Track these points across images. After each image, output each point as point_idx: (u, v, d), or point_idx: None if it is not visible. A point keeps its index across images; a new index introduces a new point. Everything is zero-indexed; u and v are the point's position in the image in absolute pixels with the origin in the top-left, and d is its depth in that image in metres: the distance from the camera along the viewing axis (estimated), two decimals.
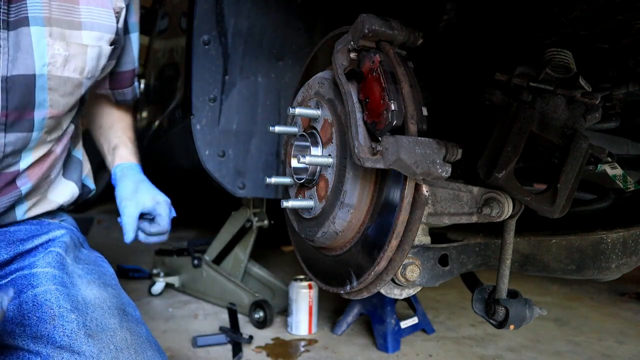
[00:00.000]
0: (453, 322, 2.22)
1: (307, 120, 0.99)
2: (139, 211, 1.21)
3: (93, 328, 0.98)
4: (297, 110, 0.96)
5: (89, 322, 0.98)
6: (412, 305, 2.07)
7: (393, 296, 0.97)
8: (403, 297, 0.98)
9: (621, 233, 1.05)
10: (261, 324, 2.07)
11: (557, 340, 2.05)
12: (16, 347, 0.96)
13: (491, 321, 1.01)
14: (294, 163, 1.02)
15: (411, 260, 0.92)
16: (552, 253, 1.06)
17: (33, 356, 0.94)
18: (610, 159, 1.15)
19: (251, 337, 1.92)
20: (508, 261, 0.98)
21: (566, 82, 0.92)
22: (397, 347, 1.88)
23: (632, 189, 1.22)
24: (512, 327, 0.98)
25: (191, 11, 1.66)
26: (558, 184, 0.91)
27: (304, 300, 2.01)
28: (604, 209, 1.14)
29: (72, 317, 0.97)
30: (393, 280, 0.92)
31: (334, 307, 2.28)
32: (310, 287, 2.02)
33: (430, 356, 1.85)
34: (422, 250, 0.96)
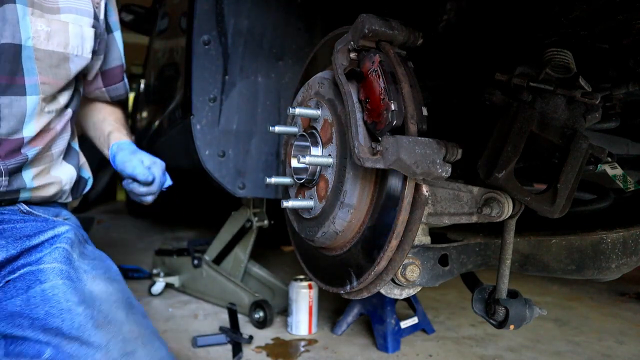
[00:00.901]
0: (453, 322, 2.22)
1: (307, 120, 0.99)
2: (140, 162, 1.32)
3: (101, 320, 1.00)
4: (297, 110, 0.96)
5: (97, 315, 1.01)
6: (412, 305, 2.07)
7: (393, 296, 0.97)
8: (403, 297, 0.98)
9: (621, 233, 1.05)
10: (261, 324, 2.07)
11: (557, 340, 2.05)
12: (25, 338, 0.99)
13: (491, 321, 1.01)
14: (294, 163, 1.02)
15: (411, 260, 0.92)
16: (552, 253, 1.06)
17: (43, 346, 0.97)
18: (610, 159, 1.15)
19: (251, 337, 1.92)
20: (508, 261, 0.98)
21: (566, 82, 0.92)
22: (397, 347, 1.88)
23: (632, 189, 1.22)
24: (512, 327, 0.98)
25: (191, 11, 1.66)
26: (558, 184, 0.91)
27: (304, 300, 2.01)
28: (604, 209, 1.14)
29: (80, 310, 0.99)
30: (393, 280, 0.92)
31: (334, 307, 2.28)
32: (310, 287, 2.02)
33: (430, 356, 1.85)
34: (422, 250, 0.96)
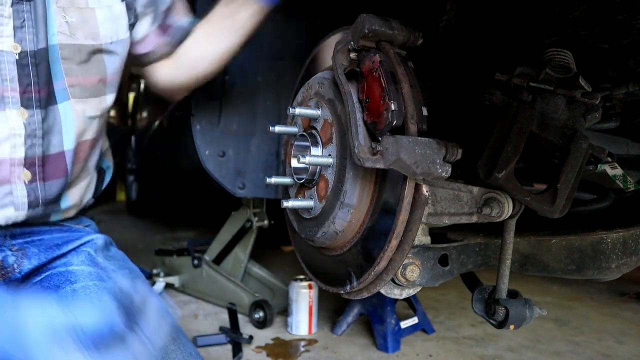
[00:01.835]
0: (453, 322, 2.22)
1: (307, 120, 0.99)
2: None
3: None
4: (297, 110, 0.96)
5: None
6: (412, 305, 2.07)
7: (393, 296, 0.96)
8: (403, 297, 0.97)
9: (621, 233, 1.05)
10: (261, 324, 2.07)
11: (557, 340, 2.04)
12: None
13: (491, 321, 1.01)
14: (294, 163, 1.02)
15: (411, 260, 0.92)
16: (552, 253, 1.06)
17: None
18: (610, 159, 1.15)
19: (251, 337, 1.92)
20: (508, 261, 0.98)
21: (566, 82, 0.92)
22: (397, 347, 1.88)
23: (632, 189, 1.22)
24: (512, 327, 0.98)
25: (191, 11, 1.66)
26: (558, 184, 0.91)
27: (304, 300, 2.01)
28: (604, 209, 1.14)
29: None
30: (393, 280, 0.92)
31: (334, 307, 2.28)
32: (310, 287, 2.02)
33: (430, 356, 1.85)
34: (422, 250, 0.95)
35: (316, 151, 0.95)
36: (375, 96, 0.81)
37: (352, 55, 0.87)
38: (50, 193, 1.06)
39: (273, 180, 1.03)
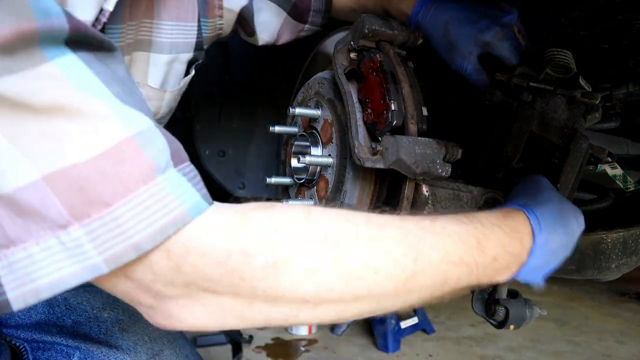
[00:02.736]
0: (453, 322, 2.22)
1: (307, 120, 0.99)
2: None
3: (126, 321, 1.02)
4: (297, 110, 0.96)
5: (121, 316, 1.02)
6: None
7: None
8: None
9: (621, 233, 1.05)
10: None
11: (557, 340, 2.05)
12: (54, 342, 1.00)
13: (491, 321, 1.01)
14: (294, 163, 1.02)
15: None
16: None
17: (72, 350, 0.98)
18: (610, 159, 1.15)
19: (251, 337, 1.92)
20: None
21: (566, 82, 0.92)
22: (397, 347, 1.88)
23: (632, 189, 1.22)
24: (512, 327, 0.98)
25: None
26: (558, 184, 0.91)
27: None
28: (604, 209, 1.14)
29: (106, 316, 1.01)
30: None
31: None
32: None
33: (430, 356, 1.85)
34: None
35: (316, 151, 0.95)
36: (375, 96, 0.81)
37: (352, 55, 0.87)
38: None
39: (273, 180, 1.03)
